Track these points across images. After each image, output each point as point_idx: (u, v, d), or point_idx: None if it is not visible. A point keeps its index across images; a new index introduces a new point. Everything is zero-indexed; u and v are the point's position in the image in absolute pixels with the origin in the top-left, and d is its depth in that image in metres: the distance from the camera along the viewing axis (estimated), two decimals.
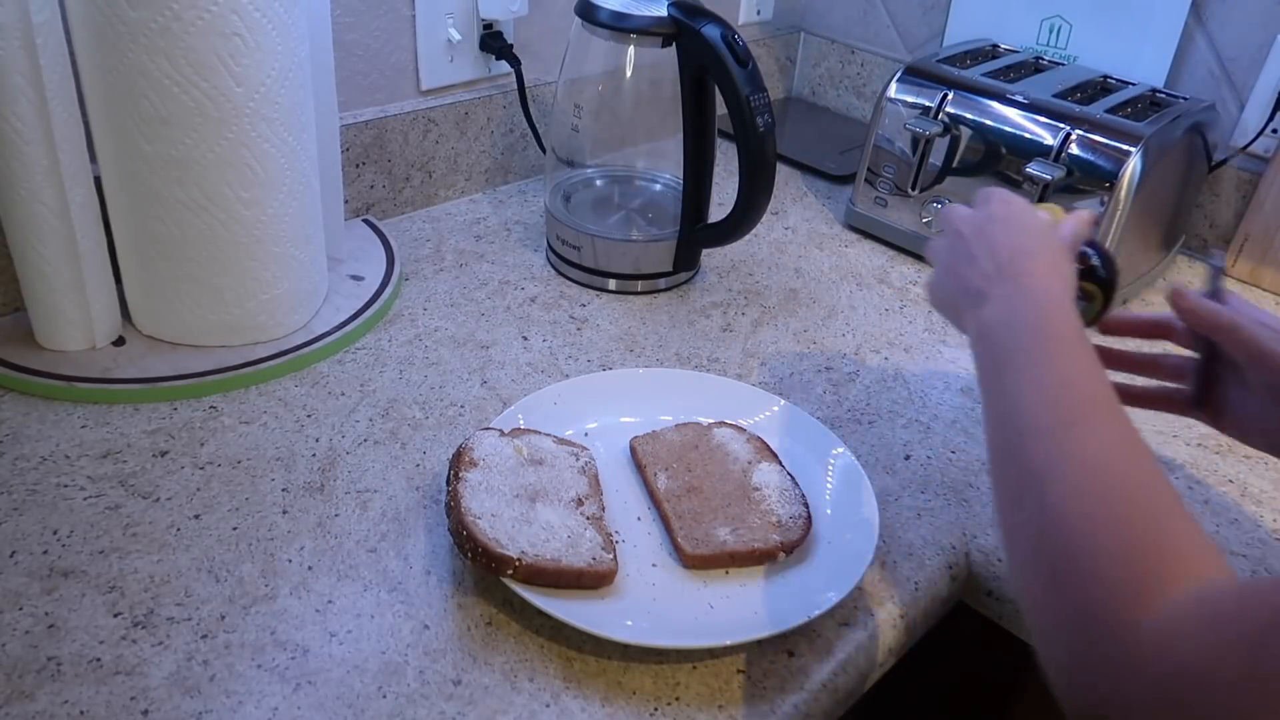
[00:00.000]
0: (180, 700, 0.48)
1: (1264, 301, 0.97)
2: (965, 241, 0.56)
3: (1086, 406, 0.44)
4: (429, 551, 0.58)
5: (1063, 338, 0.47)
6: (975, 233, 0.56)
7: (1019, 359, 0.47)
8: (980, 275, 0.54)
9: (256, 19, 0.62)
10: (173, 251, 0.68)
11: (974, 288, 0.53)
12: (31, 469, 0.61)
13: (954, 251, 0.57)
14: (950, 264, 0.57)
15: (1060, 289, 0.51)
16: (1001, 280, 0.52)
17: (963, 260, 0.56)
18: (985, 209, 0.57)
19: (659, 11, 0.77)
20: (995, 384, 0.48)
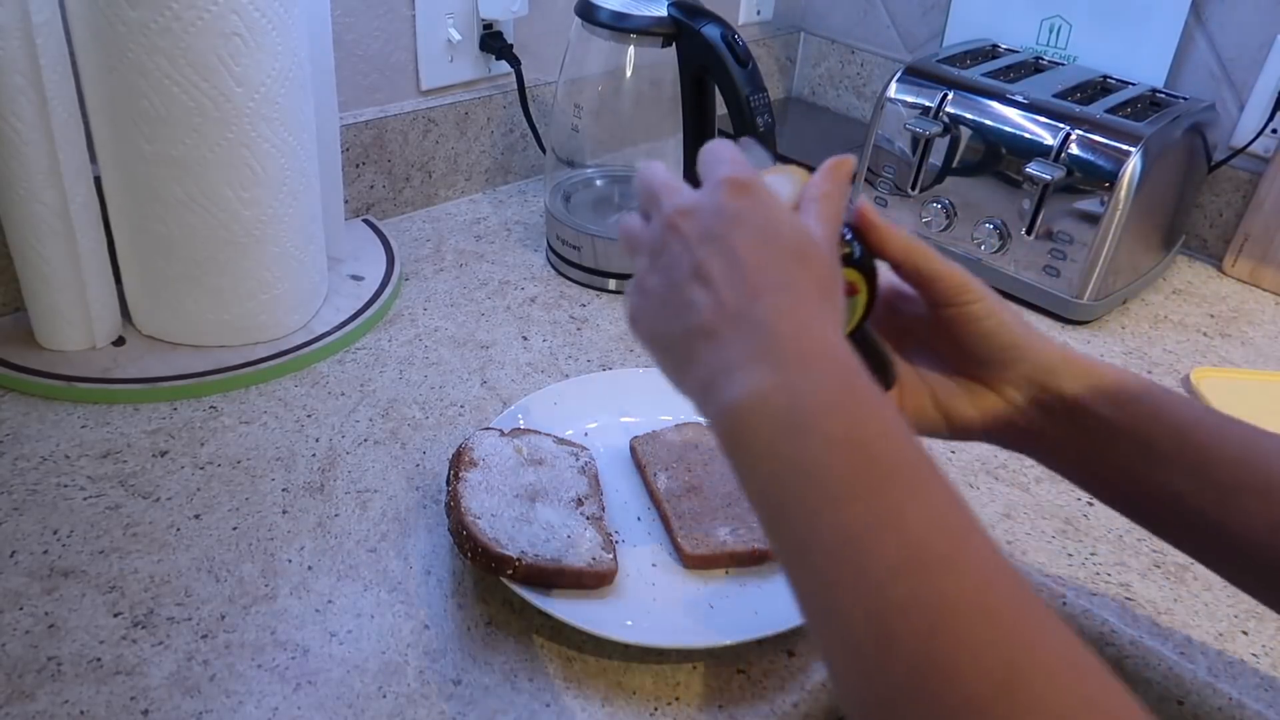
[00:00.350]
0: (180, 700, 0.48)
1: (1264, 301, 0.97)
2: (689, 248, 0.37)
3: (947, 542, 0.30)
4: (429, 551, 0.58)
5: (883, 435, 0.32)
6: (704, 237, 0.37)
7: (829, 483, 0.31)
8: (715, 310, 0.36)
9: (256, 19, 0.62)
10: (173, 251, 0.68)
11: (705, 327, 0.36)
12: (31, 469, 0.61)
13: (671, 264, 0.38)
14: (666, 285, 0.38)
15: (837, 339, 0.35)
16: (753, 329, 0.35)
17: (685, 279, 0.37)
18: (716, 197, 0.38)
19: (659, 11, 0.77)
20: (790, 511, 0.32)
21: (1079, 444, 0.45)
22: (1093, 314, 0.89)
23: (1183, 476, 0.42)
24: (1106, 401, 0.44)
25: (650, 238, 0.40)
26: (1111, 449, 0.44)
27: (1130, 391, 0.44)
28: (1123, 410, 0.44)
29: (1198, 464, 0.42)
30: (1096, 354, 0.85)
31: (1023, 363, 0.45)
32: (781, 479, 0.32)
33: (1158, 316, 0.93)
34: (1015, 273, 0.91)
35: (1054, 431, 0.45)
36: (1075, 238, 0.86)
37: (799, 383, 0.33)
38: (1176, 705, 0.56)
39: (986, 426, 0.47)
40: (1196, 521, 0.42)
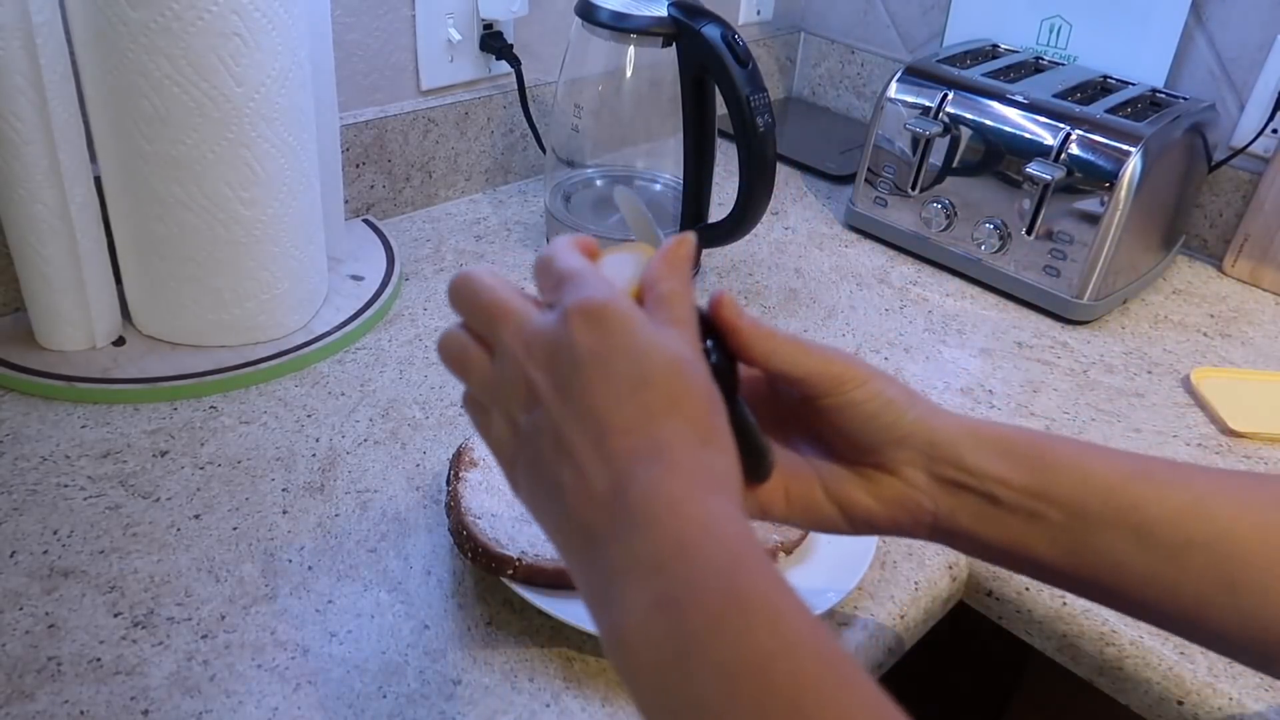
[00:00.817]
0: (180, 700, 0.48)
1: (1264, 301, 0.97)
2: (545, 405, 0.33)
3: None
4: (429, 551, 0.58)
5: (782, 650, 0.28)
6: (559, 391, 0.32)
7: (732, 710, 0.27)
8: (584, 500, 0.31)
9: (256, 19, 0.62)
10: (173, 251, 0.68)
11: (579, 521, 0.32)
12: (31, 469, 0.61)
13: (531, 423, 0.33)
14: (529, 450, 0.34)
15: (721, 508, 0.31)
16: (626, 521, 0.30)
17: (548, 450, 0.33)
18: (566, 333, 0.33)
19: (659, 11, 0.77)
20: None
21: (998, 522, 0.39)
22: (1093, 314, 0.89)
23: (1122, 541, 0.38)
24: (1022, 469, 0.39)
25: (497, 374, 0.34)
26: (1037, 522, 0.39)
27: (1047, 455, 0.39)
28: (1042, 476, 0.39)
29: (1137, 525, 0.37)
30: (1096, 355, 0.85)
31: (916, 437, 0.40)
32: (677, 715, 0.28)
33: (1158, 316, 0.93)
34: (1015, 273, 0.91)
35: (967, 511, 0.40)
36: (1075, 238, 0.86)
37: (679, 593, 0.28)
38: (1176, 705, 0.56)
39: (891, 516, 0.41)
40: (1146, 588, 0.38)
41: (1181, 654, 0.56)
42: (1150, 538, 0.37)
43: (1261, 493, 0.38)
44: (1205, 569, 0.36)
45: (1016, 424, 0.39)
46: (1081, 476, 0.38)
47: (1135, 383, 0.82)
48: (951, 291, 0.93)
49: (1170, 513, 0.37)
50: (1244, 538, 0.36)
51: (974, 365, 0.82)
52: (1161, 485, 0.38)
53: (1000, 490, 0.39)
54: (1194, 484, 0.38)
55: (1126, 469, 0.39)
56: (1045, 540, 0.39)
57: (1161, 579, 0.37)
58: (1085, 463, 0.39)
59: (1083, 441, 0.40)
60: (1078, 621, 0.59)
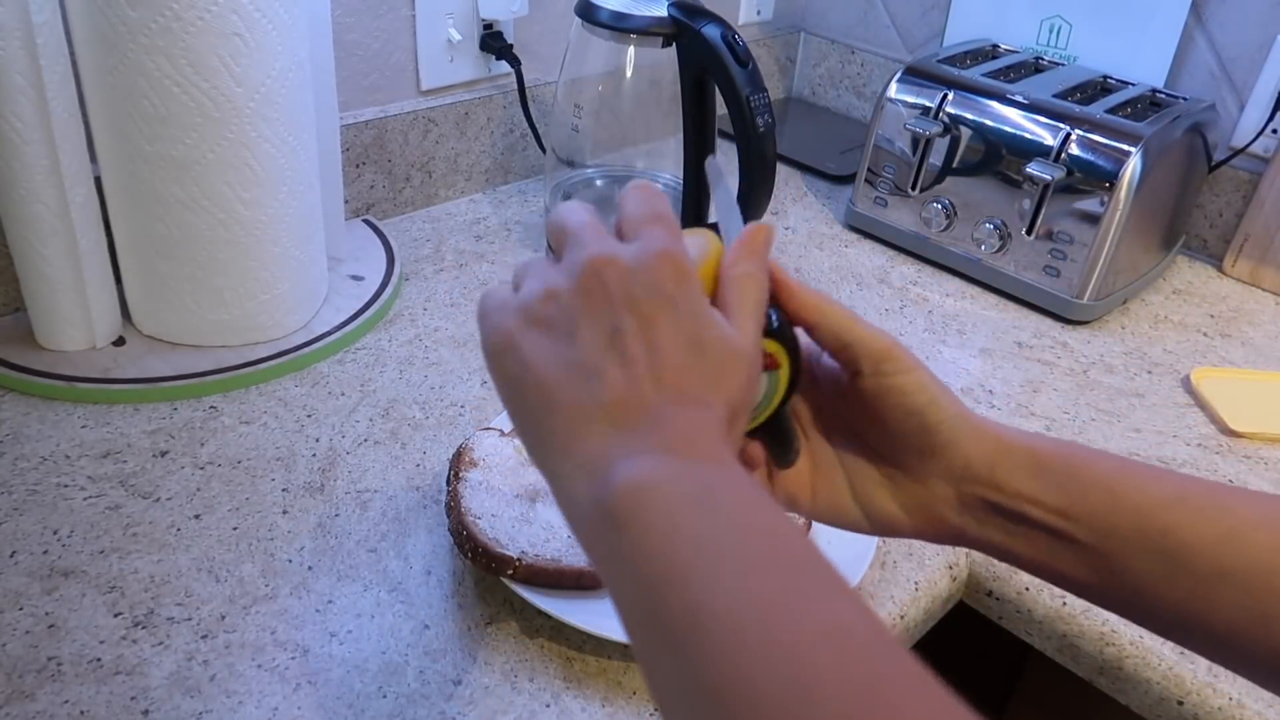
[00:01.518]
0: (180, 700, 0.48)
1: (1264, 301, 0.97)
2: (611, 305, 0.33)
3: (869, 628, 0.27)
4: (429, 551, 0.58)
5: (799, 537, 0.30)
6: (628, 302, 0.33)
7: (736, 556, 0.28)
8: (630, 393, 0.32)
9: (256, 19, 0.62)
10: (173, 251, 0.68)
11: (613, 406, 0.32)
12: (31, 469, 0.61)
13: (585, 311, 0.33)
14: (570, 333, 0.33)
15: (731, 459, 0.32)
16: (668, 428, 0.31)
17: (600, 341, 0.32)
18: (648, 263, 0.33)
19: (659, 11, 0.77)
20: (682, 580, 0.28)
21: (1027, 539, 0.39)
22: (1093, 314, 0.89)
23: (1153, 566, 0.36)
24: (1052, 488, 0.38)
25: (558, 273, 0.34)
26: (1066, 541, 0.38)
27: (1080, 473, 0.38)
28: (1071, 496, 0.38)
29: (1169, 551, 0.36)
30: (1096, 355, 0.85)
31: (955, 450, 0.39)
32: (675, 549, 0.28)
33: (1158, 317, 0.93)
34: (1015, 273, 0.91)
35: (995, 527, 0.39)
36: (1075, 238, 0.86)
37: (711, 478, 0.30)
38: (1176, 705, 0.56)
39: (914, 524, 0.41)
40: (1176, 613, 0.37)
41: (1181, 654, 0.56)
42: (1182, 565, 0.36)
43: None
44: (1238, 600, 0.35)
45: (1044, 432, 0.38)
46: (1112, 498, 0.37)
47: (1135, 383, 0.82)
48: (951, 291, 0.93)
49: (1205, 541, 0.36)
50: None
51: (974, 365, 0.82)
52: (1197, 511, 0.36)
53: (1030, 509, 0.38)
54: (1232, 512, 0.36)
55: (1161, 493, 0.37)
56: (1075, 560, 0.38)
57: (1193, 606, 0.36)
58: (1118, 484, 0.37)
59: (1121, 459, 0.39)
60: (1078, 621, 0.59)
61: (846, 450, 0.42)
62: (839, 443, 0.42)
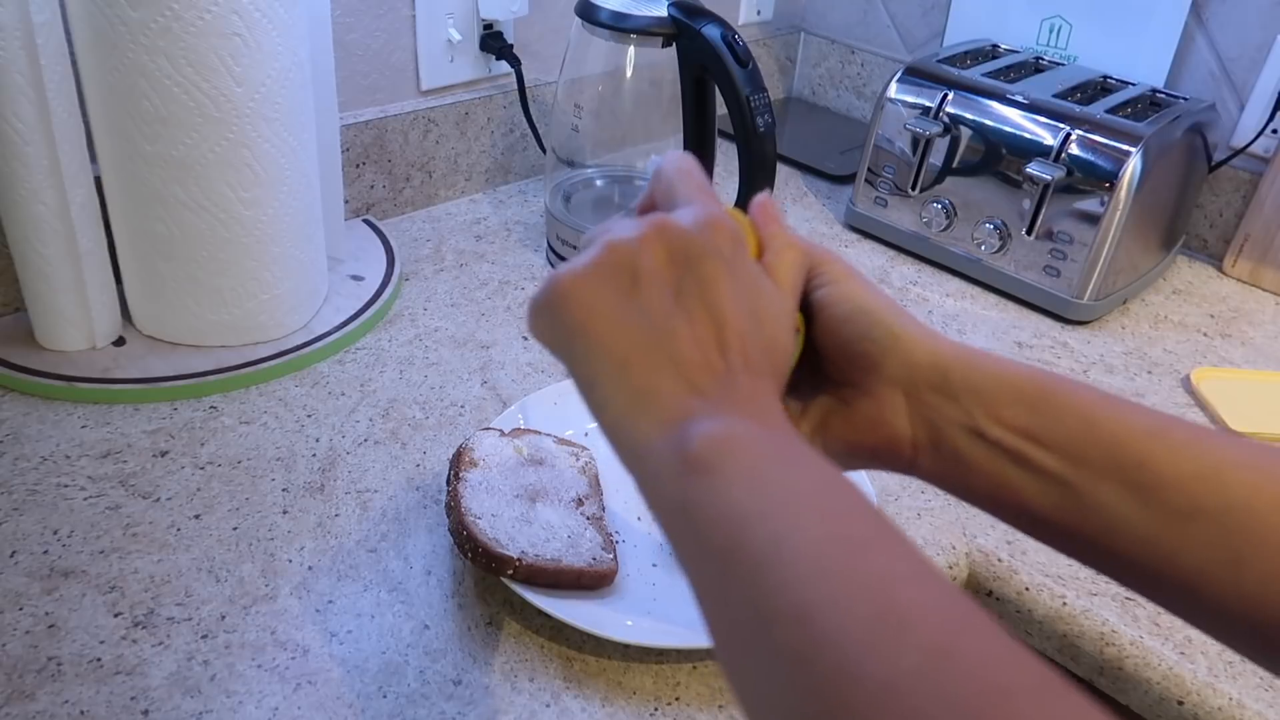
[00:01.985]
0: (180, 700, 0.48)
1: (1264, 301, 0.97)
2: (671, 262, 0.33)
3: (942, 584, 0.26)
4: (429, 551, 0.58)
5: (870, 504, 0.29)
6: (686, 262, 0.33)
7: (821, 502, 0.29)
8: (701, 353, 0.32)
9: (257, 19, 0.62)
10: (173, 251, 0.68)
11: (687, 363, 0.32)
12: (32, 469, 0.61)
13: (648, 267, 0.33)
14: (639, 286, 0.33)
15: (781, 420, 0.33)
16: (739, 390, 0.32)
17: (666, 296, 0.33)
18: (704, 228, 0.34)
19: (659, 11, 0.77)
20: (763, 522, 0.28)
21: (986, 463, 0.37)
22: (1093, 314, 0.89)
23: (1123, 498, 0.35)
24: (1020, 406, 0.36)
25: (620, 228, 0.35)
26: (1030, 467, 0.36)
27: (1054, 396, 0.36)
28: (1043, 418, 0.36)
29: (1142, 483, 0.34)
30: (1096, 355, 0.85)
31: (897, 353, 0.37)
32: (761, 492, 0.29)
33: (1158, 316, 0.93)
34: (1015, 273, 0.91)
35: (950, 445, 0.37)
36: (1075, 238, 0.86)
37: (787, 443, 0.31)
38: (1176, 705, 0.56)
39: (870, 447, 0.39)
40: (1142, 551, 0.35)
41: (1181, 654, 0.56)
42: (1155, 499, 0.34)
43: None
44: (1211, 540, 0.34)
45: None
46: (1088, 424, 0.35)
47: (1135, 383, 0.82)
48: (952, 291, 0.93)
49: (1182, 476, 0.34)
50: (1259, 512, 0.33)
51: None
52: (1177, 446, 0.35)
53: (988, 425, 0.36)
54: (1213, 450, 0.35)
55: (1140, 424, 0.35)
56: (1038, 488, 0.36)
57: (1162, 544, 0.34)
58: (1095, 411, 0.36)
59: (1100, 390, 0.37)
60: (1078, 621, 0.59)
61: (801, 380, 0.40)
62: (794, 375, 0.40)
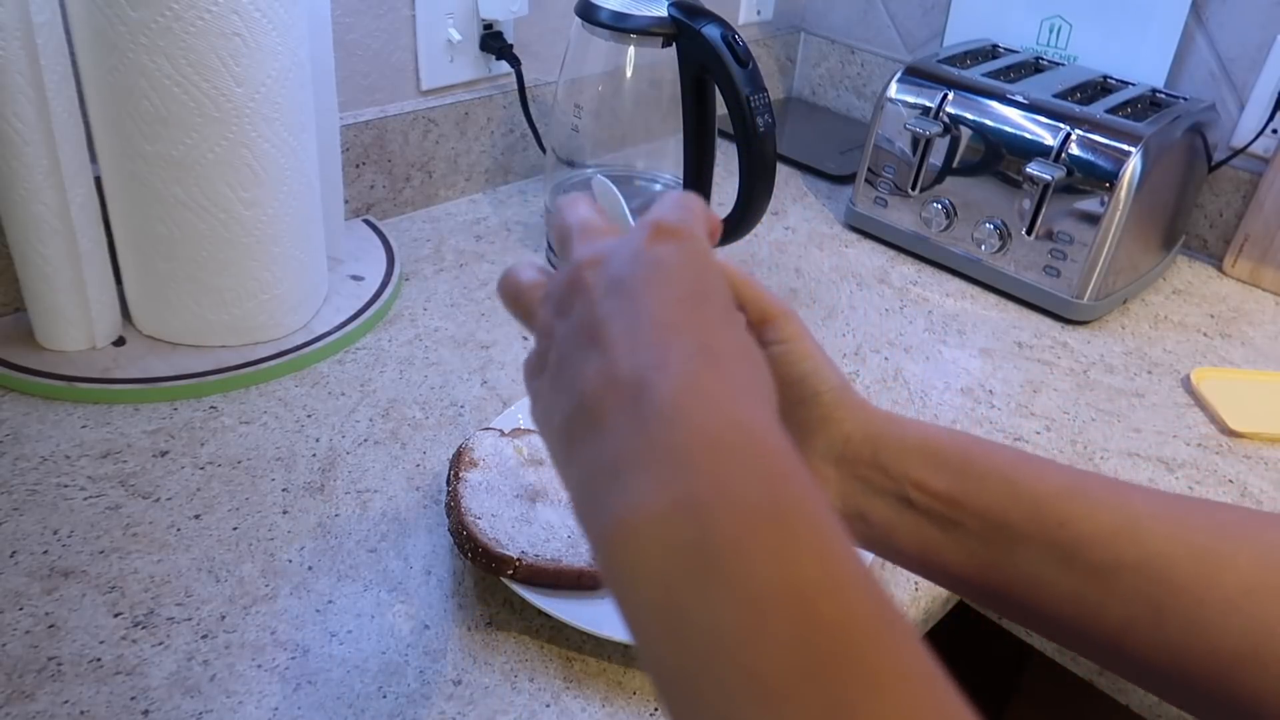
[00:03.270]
0: (180, 700, 0.48)
1: (1264, 301, 0.97)
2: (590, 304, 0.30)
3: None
4: (429, 551, 0.58)
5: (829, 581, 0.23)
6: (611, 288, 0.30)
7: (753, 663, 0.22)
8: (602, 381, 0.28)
9: (257, 19, 0.62)
10: (173, 251, 0.68)
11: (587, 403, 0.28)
12: (32, 469, 0.61)
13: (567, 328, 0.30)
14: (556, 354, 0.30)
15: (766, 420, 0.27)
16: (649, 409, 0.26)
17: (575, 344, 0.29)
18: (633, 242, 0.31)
19: (659, 11, 0.77)
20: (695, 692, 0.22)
21: (911, 527, 0.37)
22: (1093, 314, 0.89)
23: (1046, 558, 0.35)
24: (944, 473, 0.36)
25: (548, 294, 0.32)
26: (953, 531, 0.36)
27: (975, 462, 0.36)
28: (965, 483, 0.36)
29: (1063, 542, 0.35)
30: (1096, 355, 0.85)
31: (835, 425, 0.37)
32: (685, 643, 0.23)
33: (1158, 317, 0.93)
34: (1015, 273, 0.91)
35: (877, 515, 0.37)
36: (1075, 238, 0.86)
37: (709, 495, 0.24)
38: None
39: None
40: (1067, 608, 0.35)
41: None
42: (1077, 557, 0.35)
43: (1200, 517, 0.35)
44: (1132, 592, 0.34)
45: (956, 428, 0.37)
46: (1008, 487, 0.36)
47: (1135, 383, 0.82)
48: (951, 291, 0.93)
49: (1101, 532, 0.35)
50: (1176, 563, 0.34)
51: (974, 365, 0.82)
52: (1095, 503, 0.35)
53: (916, 494, 0.36)
54: (1130, 504, 0.35)
55: (1059, 483, 0.36)
56: (962, 551, 0.36)
57: (1085, 600, 0.35)
58: (1014, 473, 0.36)
59: (1019, 451, 0.38)
60: None
61: None
62: None
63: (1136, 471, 0.71)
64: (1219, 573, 0.33)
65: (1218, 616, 0.33)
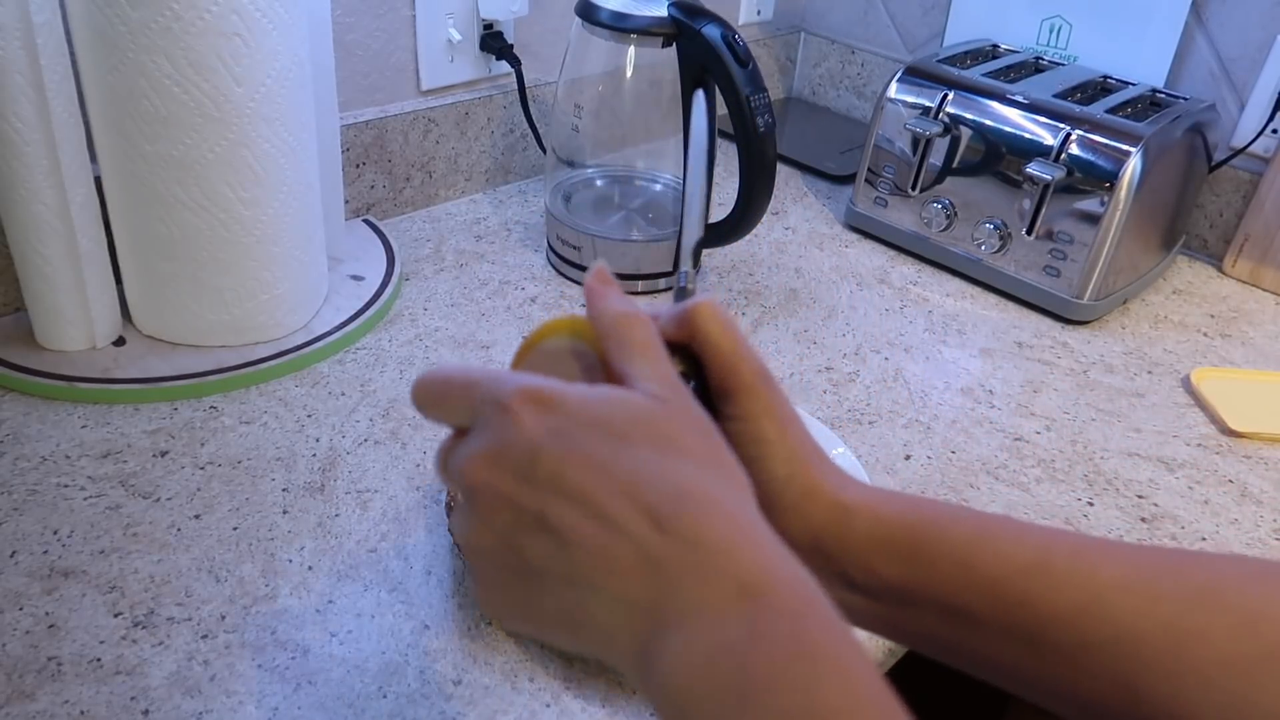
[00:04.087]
0: (180, 700, 0.48)
1: (1264, 301, 0.97)
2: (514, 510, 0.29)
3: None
4: (429, 551, 0.58)
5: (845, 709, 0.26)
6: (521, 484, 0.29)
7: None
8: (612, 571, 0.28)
9: (257, 19, 0.62)
10: (173, 251, 0.68)
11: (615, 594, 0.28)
12: (32, 469, 0.61)
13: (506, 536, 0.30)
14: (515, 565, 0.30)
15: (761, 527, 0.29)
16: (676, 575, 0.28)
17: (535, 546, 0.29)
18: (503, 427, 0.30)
19: (659, 11, 0.77)
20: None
21: (861, 609, 0.36)
22: (1093, 314, 0.89)
23: (1009, 643, 0.34)
24: (896, 562, 0.35)
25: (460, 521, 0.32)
26: (911, 613, 0.35)
27: (929, 546, 0.35)
28: (918, 571, 0.35)
29: (1025, 624, 0.34)
30: (1096, 355, 0.85)
31: (779, 512, 0.35)
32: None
33: (1158, 316, 0.93)
34: (1015, 273, 0.91)
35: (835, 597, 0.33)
36: (1075, 238, 0.86)
37: (742, 640, 0.26)
38: None
39: None
40: (1038, 688, 0.34)
41: None
42: (1041, 639, 0.33)
43: (1172, 585, 0.33)
44: (1103, 672, 0.33)
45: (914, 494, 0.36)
46: (965, 571, 0.35)
47: (1135, 383, 0.82)
48: (952, 291, 0.93)
49: (1065, 611, 0.33)
50: (1147, 639, 0.32)
51: (974, 365, 0.82)
52: (1058, 579, 0.34)
53: (862, 578, 0.36)
54: (1097, 576, 0.34)
55: (1020, 558, 0.34)
56: (920, 629, 0.36)
57: (1057, 680, 0.34)
58: (970, 555, 0.35)
59: (979, 523, 0.36)
60: None
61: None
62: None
63: (1137, 471, 0.71)
64: (1193, 647, 0.32)
65: (1195, 693, 0.32)
